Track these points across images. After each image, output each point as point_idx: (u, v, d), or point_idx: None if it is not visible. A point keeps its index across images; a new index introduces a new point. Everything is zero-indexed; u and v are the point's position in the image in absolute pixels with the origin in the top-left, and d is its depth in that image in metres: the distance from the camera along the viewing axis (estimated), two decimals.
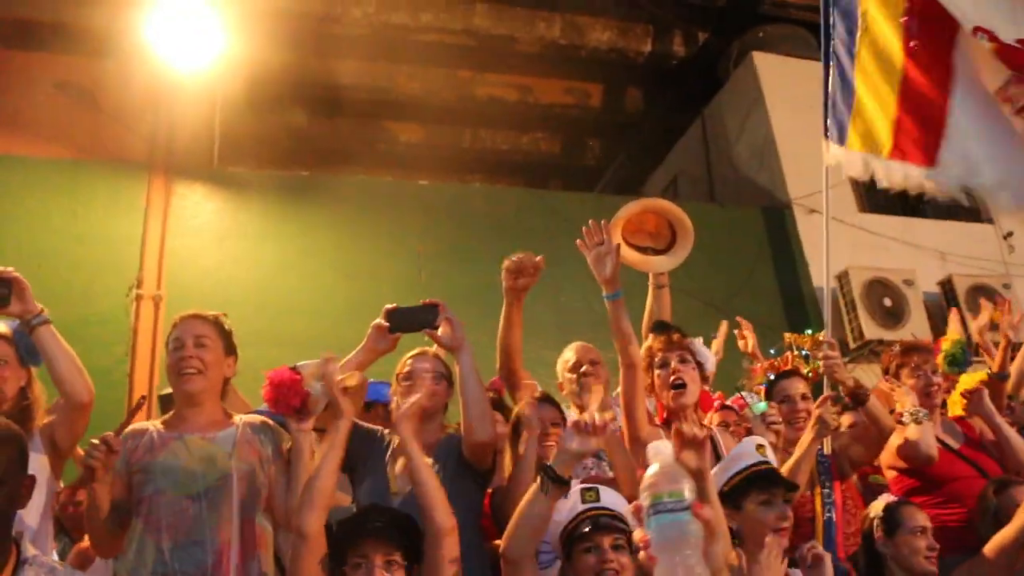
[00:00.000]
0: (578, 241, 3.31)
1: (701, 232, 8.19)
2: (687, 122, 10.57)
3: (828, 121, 3.91)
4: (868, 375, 7.55)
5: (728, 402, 4.07)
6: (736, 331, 4.96)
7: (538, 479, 2.50)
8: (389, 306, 3.10)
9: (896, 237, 8.34)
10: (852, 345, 7.63)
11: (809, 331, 4.21)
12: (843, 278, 7.81)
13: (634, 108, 11.15)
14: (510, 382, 3.86)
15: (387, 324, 3.07)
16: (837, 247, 8.21)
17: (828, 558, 2.83)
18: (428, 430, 3.16)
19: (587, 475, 3.34)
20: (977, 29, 3.35)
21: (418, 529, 2.59)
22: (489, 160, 11.52)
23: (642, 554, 1.30)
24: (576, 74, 10.58)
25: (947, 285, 8.11)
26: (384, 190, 7.63)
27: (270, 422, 3.04)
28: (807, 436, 3.39)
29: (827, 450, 3.58)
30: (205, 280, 6.39)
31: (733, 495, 2.79)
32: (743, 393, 4.20)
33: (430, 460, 3.07)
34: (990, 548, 3.11)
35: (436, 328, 3.02)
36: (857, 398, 3.50)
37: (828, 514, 3.45)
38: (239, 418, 3.00)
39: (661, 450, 1.37)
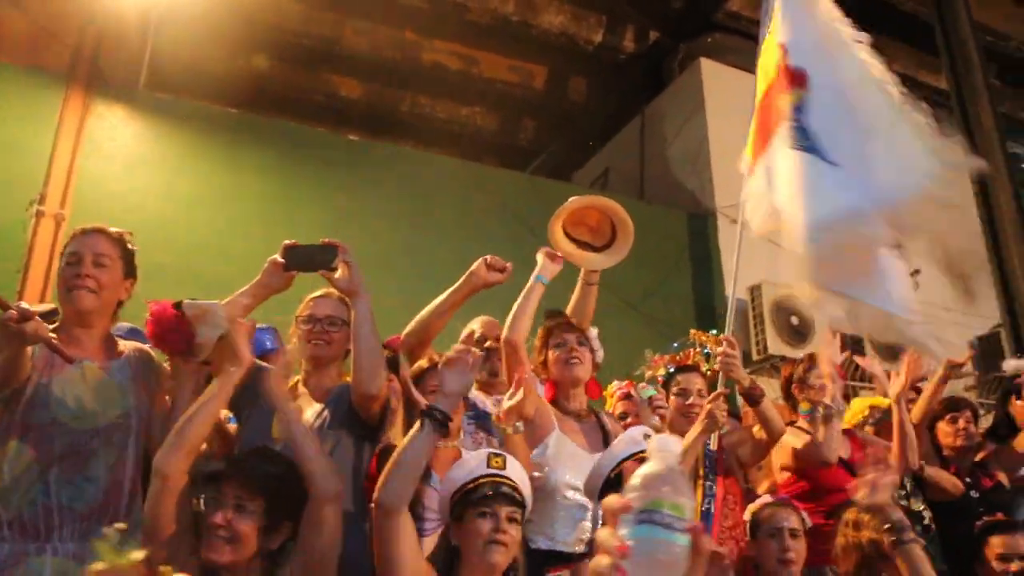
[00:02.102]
0: (546, 249, 3.32)
1: None
2: (626, 117, 10.58)
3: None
4: (768, 387, 7.68)
5: (632, 391, 4.11)
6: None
7: (419, 421, 2.49)
8: (288, 242, 2.98)
9: None
10: (755, 357, 7.74)
11: (714, 331, 4.25)
12: (755, 291, 7.92)
13: (576, 96, 11.14)
14: (413, 353, 3.80)
15: (283, 261, 2.95)
16: (753, 260, 8.38)
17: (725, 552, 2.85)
18: (326, 376, 3.08)
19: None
20: (780, 44, 3.41)
21: (298, 482, 2.50)
22: (424, 127, 11.39)
23: (607, 561, 1.00)
24: (523, 53, 10.51)
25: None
26: (313, 140, 7.46)
27: (152, 355, 2.92)
28: (695, 429, 3.44)
29: (713, 445, 3.64)
30: (113, 205, 6.12)
31: (619, 481, 2.76)
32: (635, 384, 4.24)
33: (319, 406, 3.00)
34: None
35: (334, 270, 2.90)
36: (751, 397, 3.55)
37: (707, 506, 3.53)
38: (125, 345, 2.87)
39: (667, 447, 1.13)
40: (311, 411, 3.01)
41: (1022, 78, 11.99)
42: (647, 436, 2.87)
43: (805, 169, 3.06)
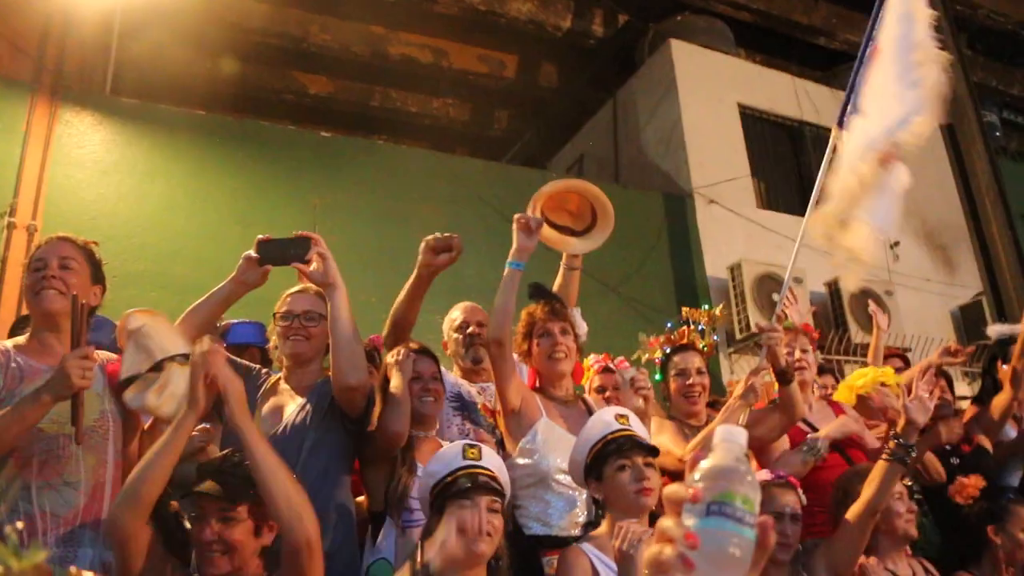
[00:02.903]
0: (518, 215, 3.23)
1: None
2: (599, 102, 10.57)
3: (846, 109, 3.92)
4: (751, 365, 7.71)
5: (610, 364, 4.07)
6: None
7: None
8: (261, 236, 2.95)
9: (790, 235, 8.50)
10: (738, 336, 7.76)
11: (706, 306, 4.23)
12: (735, 270, 7.94)
13: (547, 83, 11.13)
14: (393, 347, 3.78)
15: (257, 256, 2.91)
16: (733, 239, 8.44)
17: None
18: (307, 372, 3.05)
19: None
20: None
21: None
22: (396, 120, 11.36)
23: (672, 551, 0.94)
24: (492, 43, 10.50)
25: (833, 286, 8.32)
26: (284, 138, 7.39)
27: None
28: (733, 402, 3.44)
29: (742, 422, 3.62)
30: (85, 213, 6.05)
31: (595, 466, 2.78)
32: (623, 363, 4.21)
33: (301, 400, 2.97)
34: (846, 518, 3.17)
35: (307, 263, 2.86)
36: (783, 377, 3.57)
37: None
38: (101, 355, 2.84)
39: (734, 437, 1.06)
40: (294, 405, 2.98)
41: (993, 46, 12.07)
42: (620, 416, 2.86)
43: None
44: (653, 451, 2.78)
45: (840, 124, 3.81)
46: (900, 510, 3.27)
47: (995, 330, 5.13)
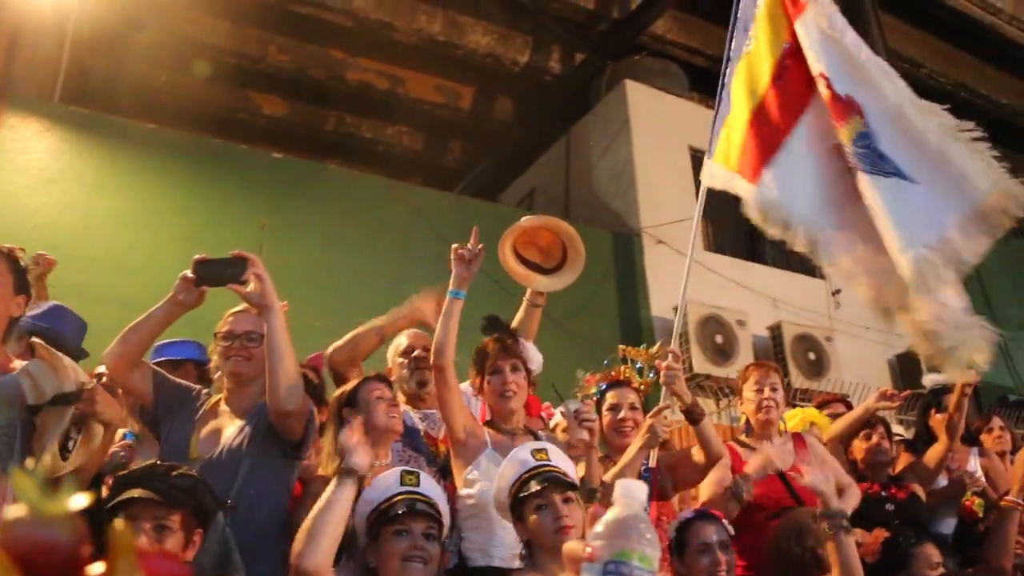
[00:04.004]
0: (456, 245, 3.20)
1: None
2: (552, 138, 10.65)
3: (712, 135, 3.97)
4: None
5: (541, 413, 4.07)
6: None
7: (334, 480, 2.48)
8: (198, 256, 2.88)
9: (734, 279, 8.62)
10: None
11: (644, 346, 4.24)
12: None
13: (502, 116, 11.20)
14: (341, 372, 3.75)
15: (194, 276, 2.85)
16: (679, 280, 8.50)
17: None
18: (247, 394, 3.00)
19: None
20: (821, 75, 3.58)
21: (211, 492, 2.43)
22: (350, 145, 11.33)
23: None
24: (450, 73, 10.55)
25: (776, 331, 8.43)
26: (236, 157, 7.34)
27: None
28: (635, 444, 3.41)
29: (652, 462, 3.60)
30: (27, 221, 5.93)
31: (516, 507, 2.68)
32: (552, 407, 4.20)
33: (240, 423, 2.92)
34: None
35: (244, 283, 2.81)
36: (692, 416, 3.50)
37: None
38: (18, 364, 2.76)
39: (633, 492, 1.07)
40: (232, 428, 2.93)
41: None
42: (537, 451, 2.81)
43: (888, 192, 3.38)
44: (573, 486, 2.70)
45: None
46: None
47: (931, 379, 5.22)
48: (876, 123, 3.46)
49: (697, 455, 3.64)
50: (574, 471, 2.90)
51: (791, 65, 3.78)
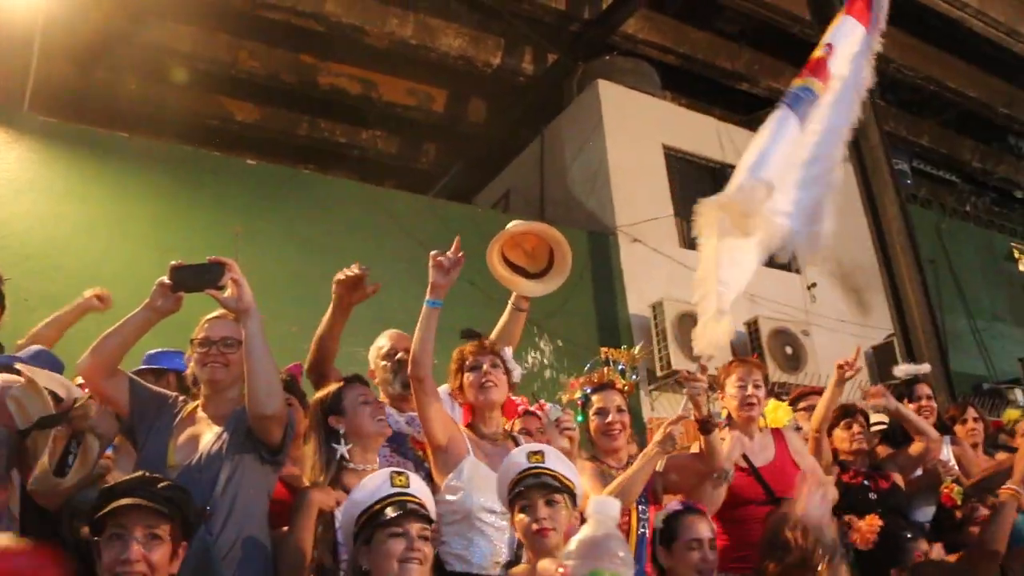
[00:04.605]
0: (434, 252, 3.18)
1: None
2: (526, 139, 10.67)
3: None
4: (672, 403, 7.82)
5: (531, 408, 4.06)
6: None
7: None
8: (174, 263, 2.86)
9: None
10: (659, 374, 7.86)
11: (625, 346, 4.25)
12: (657, 308, 8.05)
13: (476, 118, 11.21)
14: (317, 379, 3.73)
15: (170, 282, 2.83)
16: (655, 277, 8.56)
17: None
18: (225, 400, 2.98)
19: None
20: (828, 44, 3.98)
21: (192, 504, 2.43)
22: (323, 150, 11.31)
23: None
24: (422, 76, 10.55)
25: (753, 326, 8.48)
26: (208, 164, 7.29)
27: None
28: (651, 448, 3.43)
29: (660, 467, 3.63)
30: None
31: (511, 508, 2.76)
32: (546, 403, 4.21)
33: (218, 429, 2.91)
34: None
35: (221, 288, 2.80)
36: (705, 426, 3.55)
37: (642, 530, 3.49)
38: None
39: (605, 510, 1.08)
40: (210, 435, 2.91)
41: (903, 99, 12.57)
42: (533, 454, 2.83)
43: (779, 122, 3.67)
44: (559, 489, 2.73)
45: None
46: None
47: (901, 370, 5.29)
48: (824, 99, 3.82)
49: (696, 463, 3.69)
50: (574, 473, 2.92)
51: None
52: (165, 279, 2.84)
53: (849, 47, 4.05)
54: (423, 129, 11.38)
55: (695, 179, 9.70)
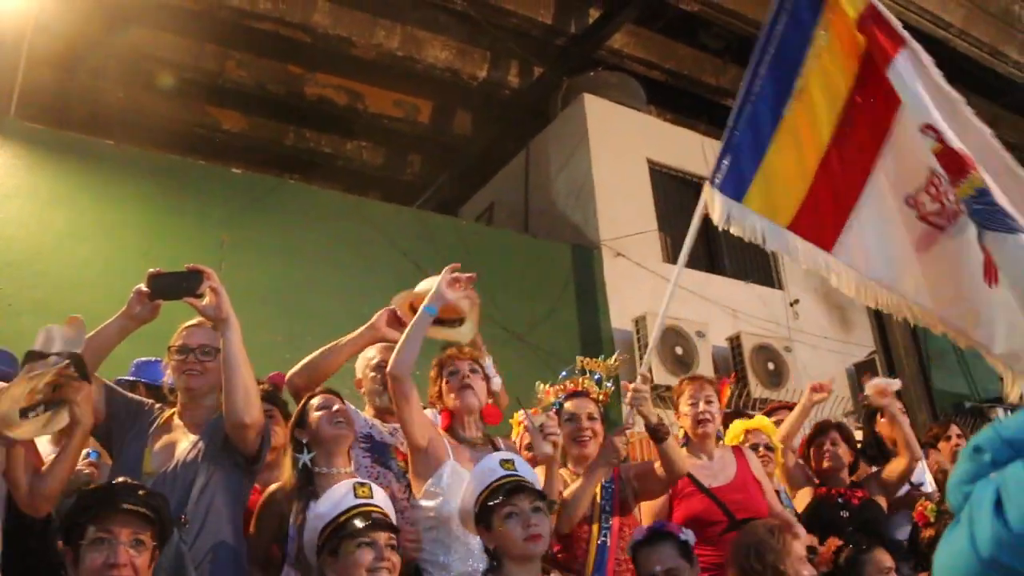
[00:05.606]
0: (455, 265, 3.24)
1: (511, 261, 8.27)
2: (511, 152, 10.70)
3: (722, 168, 3.88)
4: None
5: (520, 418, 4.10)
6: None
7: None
8: (152, 270, 2.89)
9: (694, 290, 8.70)
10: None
11: (602, 357, 4.28)
12: (640, 322, 8.08)
13: (461, 131, 11.24)
14: (300, 394, 3.73)
15: (148, 290, 2.86)
16: (638, 292, 8.59)
17: None
18: (202, 408, 2.99)
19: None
20: (927, 127, 3.39)
21: (168, 511, 2.45)
22: (309, 161, 11.32)
23: None
24: (408, 88, 10.57)
25: (735, 341, 8.53)
26: (194, 173, 7.28)
27: None
28: (595, 462, 3.47)
29: (605, 478, 3.64)
30: None
31: (483, 515, 2.74)
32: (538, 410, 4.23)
33: (194, 438, 2.91)
34: None
35: (200, 296, 2.82)
36: (657, 435, 3.54)
37: (602, 539, 3.51)
38: None
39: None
40: (186, 442, 2.92)
41: None
42: (505, 462, 2.85)
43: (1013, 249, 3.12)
44: (541, 495, 2.77)
45: (711, 181, 3.90)
46: (804, 574, 3.32)
47: (870, 385, 5.33)
48: (989, 177, 3.23)
49: (659, 470, 3.68)
50: (540, 482, 2.95)
51: (857, 116, 3.72)
52: (143, 287, 2.85)
53: (929, 91, 3.53)
54: (409, 141, 11.39)
55: (679, 194, 9.75)
